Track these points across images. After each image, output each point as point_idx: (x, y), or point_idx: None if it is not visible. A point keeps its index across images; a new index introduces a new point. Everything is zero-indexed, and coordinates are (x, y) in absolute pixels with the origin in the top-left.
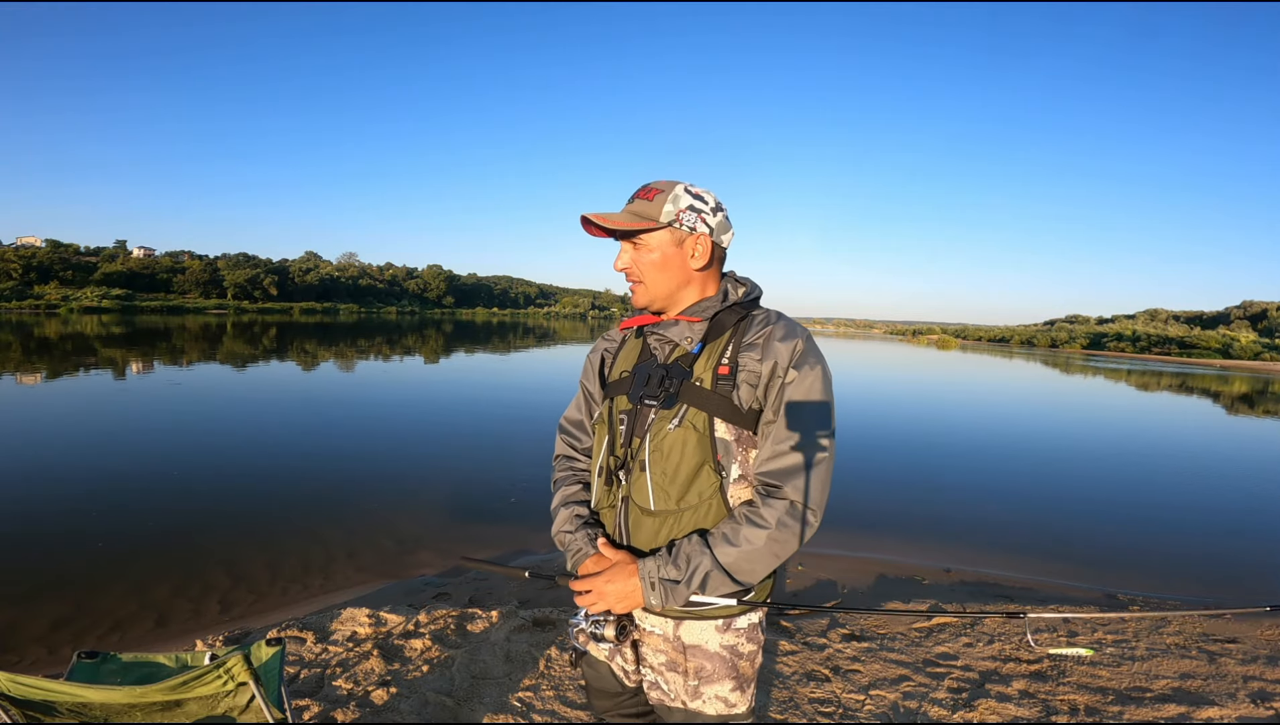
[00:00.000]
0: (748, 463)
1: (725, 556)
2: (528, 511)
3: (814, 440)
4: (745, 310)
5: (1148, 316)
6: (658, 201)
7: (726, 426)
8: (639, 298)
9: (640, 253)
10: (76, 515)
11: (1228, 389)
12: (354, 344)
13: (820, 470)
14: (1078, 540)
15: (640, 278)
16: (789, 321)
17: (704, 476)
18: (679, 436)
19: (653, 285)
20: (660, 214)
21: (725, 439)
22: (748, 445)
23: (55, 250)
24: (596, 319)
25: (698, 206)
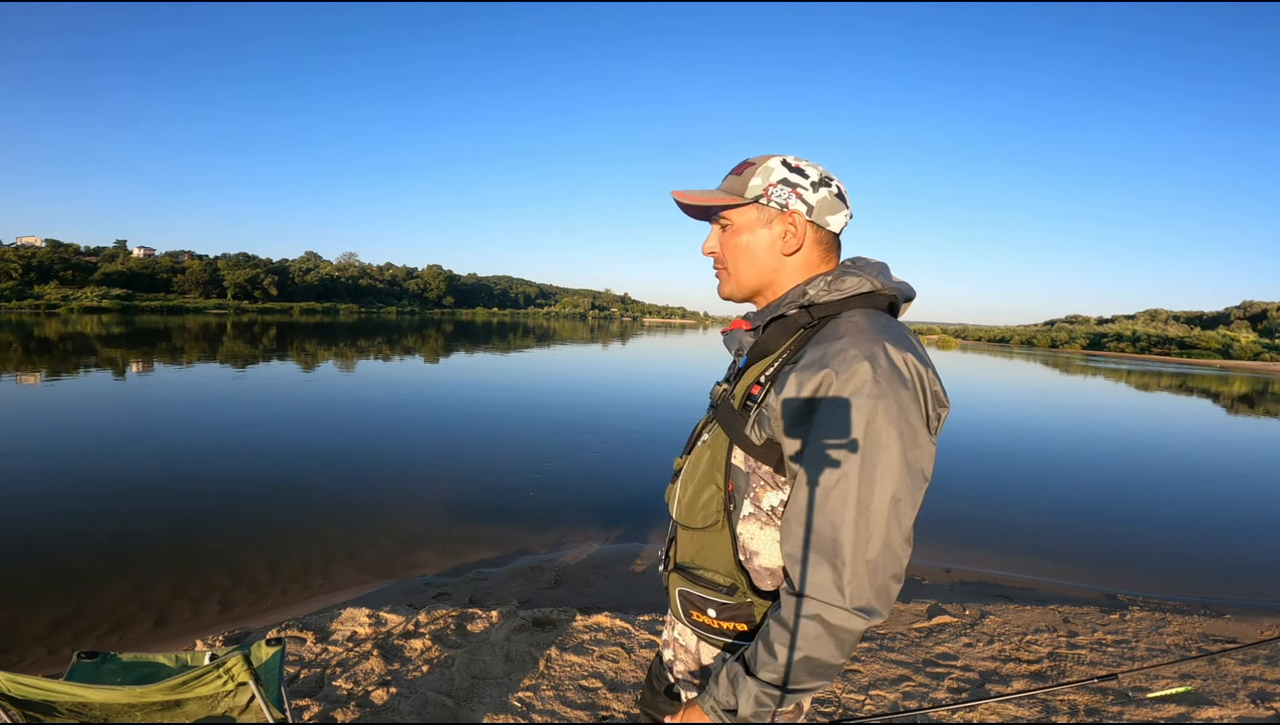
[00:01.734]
0: (760, 502)
1: (766, 674)
2: (527, 511)
3: (851, 518)
4: (821, 314)
5: (1148, 317)
6: (746, 175)
7: (743, 456)
8: (722, 288)
9: (727, 234)
10: (76, 515)
11: (1227, 389)
12: (354, 344)
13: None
14: (1078, 540)
15: (724, 264)
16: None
17: (713, 502)
18: (702, 453)
19: (736, 273)
20: (747, 188)
21: (741, 469)
22: (766, 483)
23: (55, 250)
24: (596, 319)
25: (793, 180)
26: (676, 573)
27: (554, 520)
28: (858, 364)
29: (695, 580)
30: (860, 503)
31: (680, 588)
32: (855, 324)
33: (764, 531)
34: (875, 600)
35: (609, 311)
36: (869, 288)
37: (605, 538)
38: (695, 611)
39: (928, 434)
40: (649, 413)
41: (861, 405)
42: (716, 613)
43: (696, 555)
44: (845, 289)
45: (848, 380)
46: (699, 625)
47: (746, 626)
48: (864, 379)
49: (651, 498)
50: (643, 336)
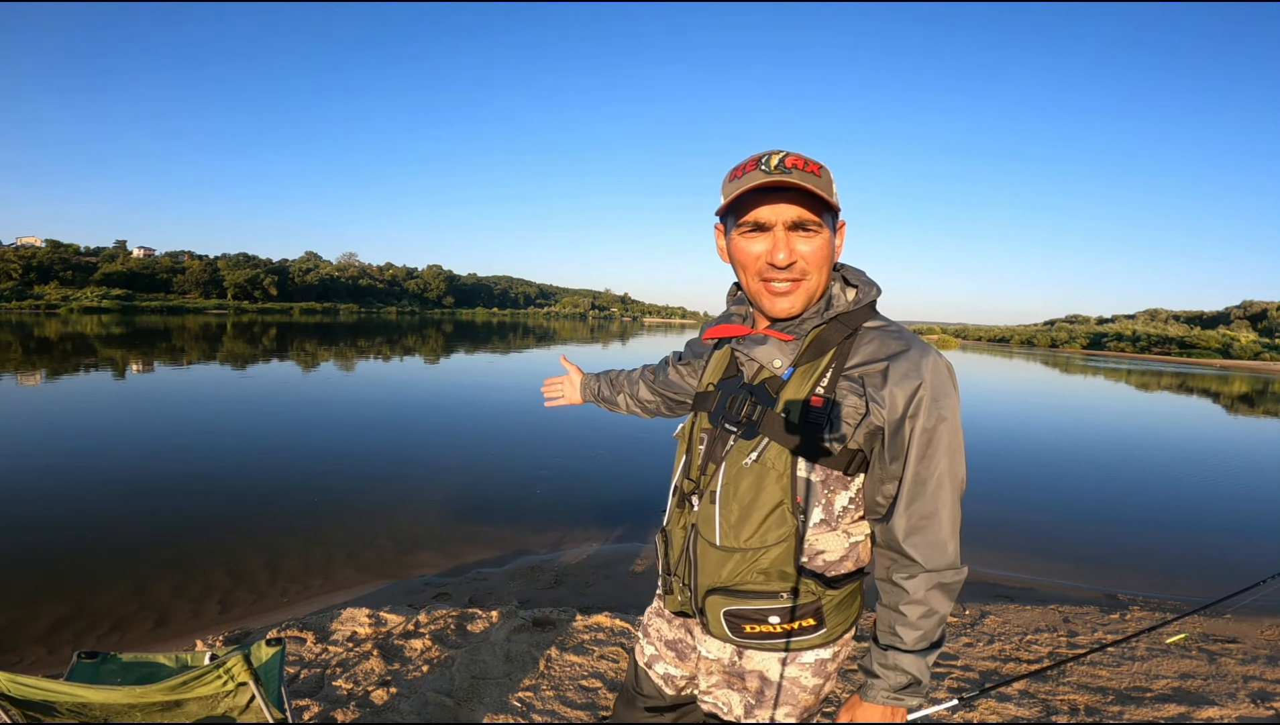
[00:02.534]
0: (832, 507)
1: (916, 641)
2: (527, 511)
3: (949, 497)
4: (853, 323)
5: (1148, 316)
6: (826, 178)
7: (813, 466)
8: (797, 301)
9: (809, 242)
10: (77, 515)
11: (1227, 389)
12: (354, 344)
13: (953, 526)
14: (1078, 540)
15: (804, 273)
16: (912, 347)
17: (778, 518)
18: (755, 472)
19: (816, 285)
20: (833, 194)
21: (809, 479)
22: (836, 487)
23: (55, 250)
24: (596, 319)
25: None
26: (716, 595)
27: (554, 520)
28: (935, 371)
29: (745, 596)
30: (952, 488)
31: (725, 608)
32: (903, 332)
33: (829, 534)
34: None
35: (609, 312)
36: (876, 293)
37: (605, 538)
38: (750, 625)
39: None
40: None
41: (947, 405)
42: (780, 618)
43: (741, 573)
44: (865, 298)
45: (934, 386)
46: (755, 637)
47: (814, 620)
48: (942, 382)
49: (652, 498)
50: (643, 336)
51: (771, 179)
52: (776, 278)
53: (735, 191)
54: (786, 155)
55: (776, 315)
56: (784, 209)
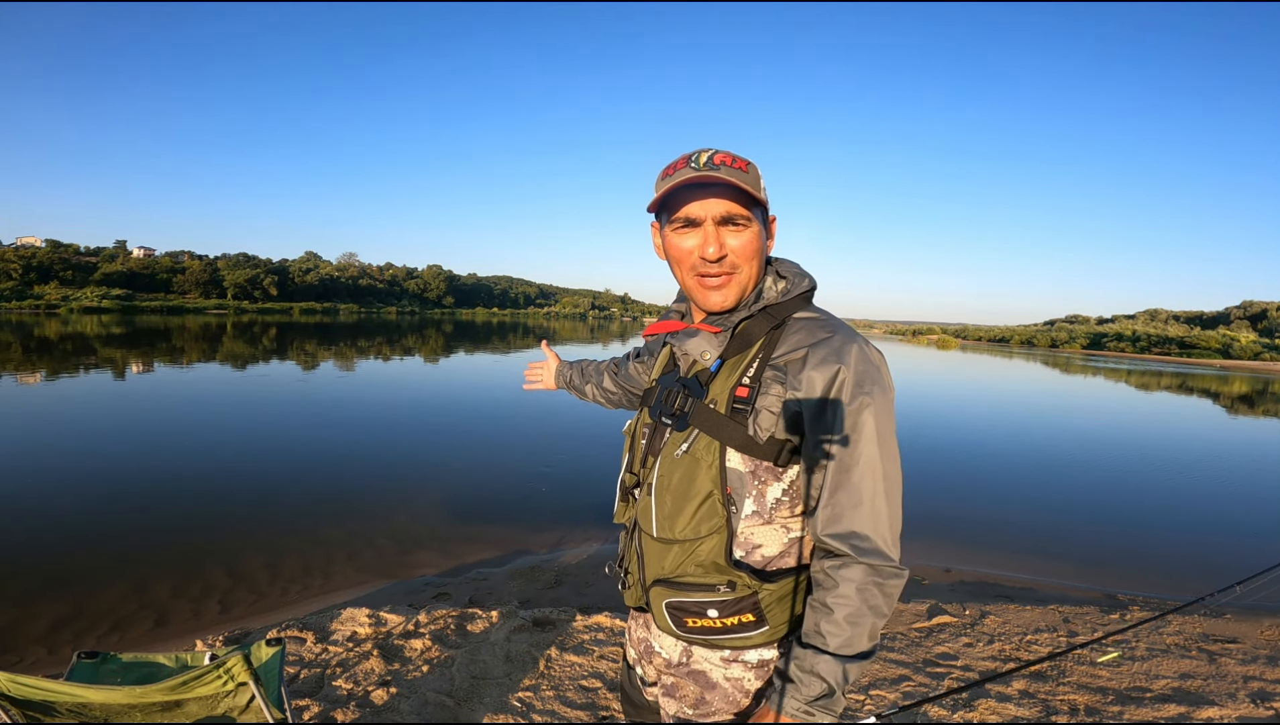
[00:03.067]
0: (764, 498)
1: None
2: (527, 511)
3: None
4: (781, 315)
5: (1148, 316)
6: (754, 174)
7: (741, 457)
8: (729, 294)
9: (739, 236)
10: (76, 515)
11: (1228, 389)
12: (354, 344)
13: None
14: (1078, 540)
15: (734, 267)
16: (835, 334)
17: (709, 508)
18: (686, 463)
19: (748, 278)
20: (760, 189)
21: (739, 470)
22: (766, 478)
23: (55, 250)
24: (596, 319)
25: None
26: (658, 587)
27: (554, 520)
28: (856, 356)
29: (684, 588)
30: (882, 478)
31: (667, 600)
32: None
33: (765, 527)
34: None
35: (609, 311)
36: (809, 285)
37: (605, 538)
38: (691, 618)
39: None
40: None
41: (870, 391)
42: (719, 612)
43: (681, 564)
44: (795, 290)
45: (855, 370)
46: (698, 631)
47: (752, 615)
48: (865, 369)
49: None
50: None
51: (700, 175)
52: (709, 272)
53: (665, 187)
54: (715, 153)
55: (710, 308)
56: (713, 204)
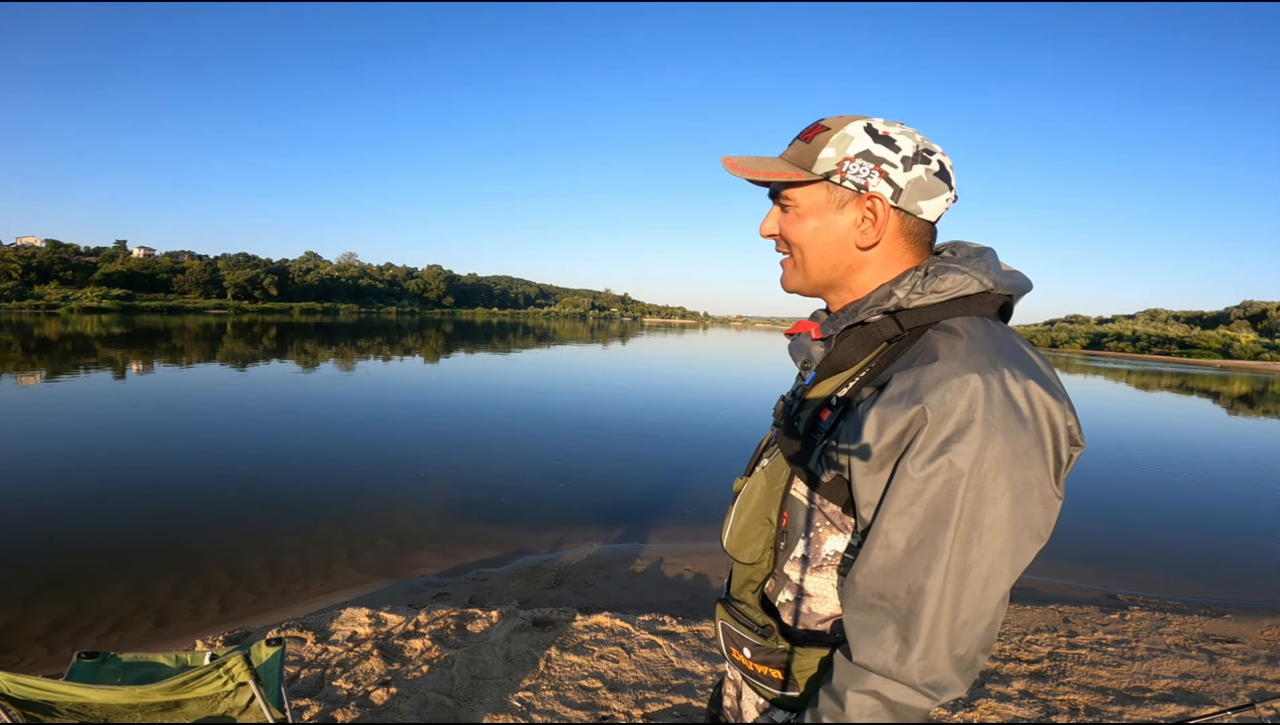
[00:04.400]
0: (819, 545)
1: None
2: (527, 511)
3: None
4: (913, 322)
5: (1148, 316)
6: (817, 143)
7: (806, 489)
8: (786, 280)
9: (788, 218)
10: (76, 515)
11: (1228, 389)
12: (354, 344)
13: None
14: (1078, 540)
15: (788, 250)
16: (955, 359)
17: (760, 535)
18: (760, 480)
19: (803, 263)
20: (816, 161)
21: (802, 503)
22: (831, 525)
23: (55, 250)
24: (597, 319)
25: (878, 153)
26: (722, 604)
27: (554, 520)
28: (959, 399)
29: (736, 615)
30: (951, 569)
31: (723, 620)
32: (958, 341)
33: (817, 577)
34: (954, 673)
35: (609, 311)
36: (976, 288)
37: (605, 538)
38: (734, 648)
39: (1053, 485)
40: (649, 412)
41: (963, 451)
42: (751, 653)
43: (741, 589)
44: (944, 290)
45: (945, 418)
46: (737, 664)
47: (781, 674)
48: (967, 419)
49: (652, 498)
50: (643, 336)
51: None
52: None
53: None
54: (811, 127)
55: (786, 290)
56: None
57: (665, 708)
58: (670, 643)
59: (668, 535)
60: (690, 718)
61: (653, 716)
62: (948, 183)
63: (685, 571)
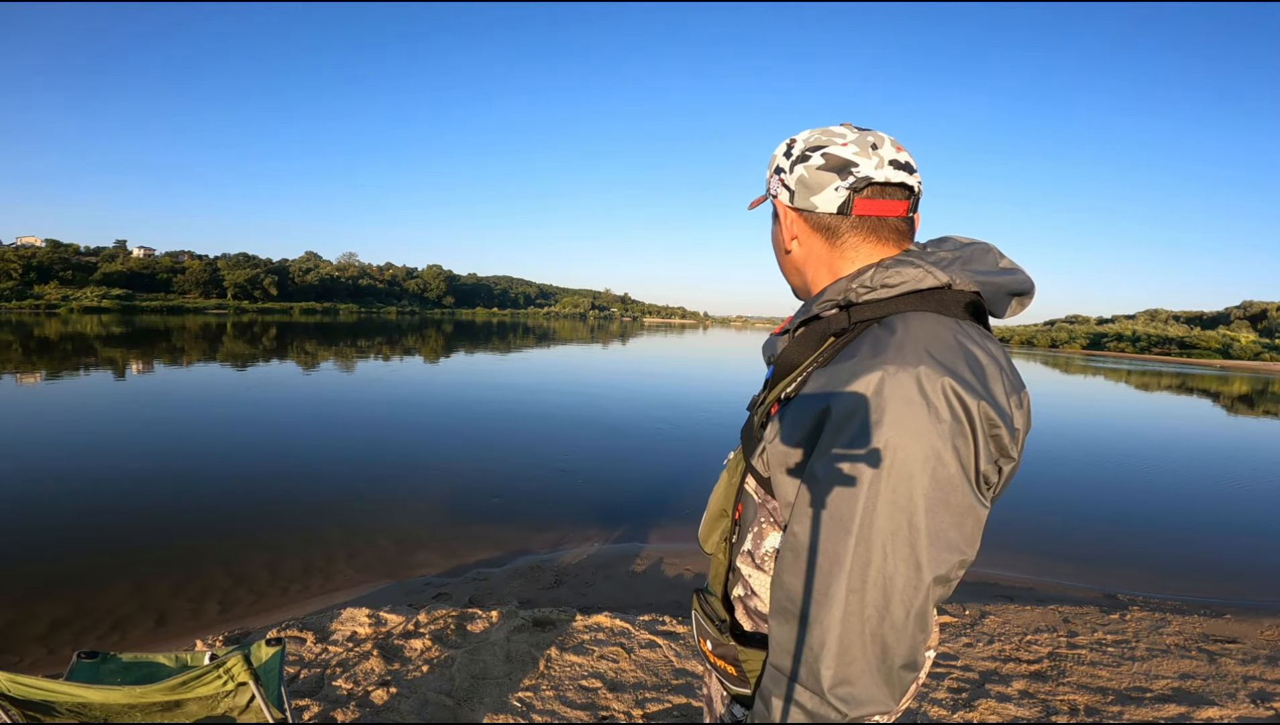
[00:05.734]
0: (761, 541)
1: None
2: (527, 511)
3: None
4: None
5: (1148, 316)
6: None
7: (755, 484)
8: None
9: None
10: (76, 515)
11: (1228, 389)
12: (354, 344)
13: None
14: (1078, 540)
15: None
16: (861, 359)
17: (718, 527)
18: (724, 473)
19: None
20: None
21: (751, 497)
22: (772, 521)
23: (55, 250)
24: (597, 319)
25: (779, 163)
26: (697, 594)
27: (554, 520)
28: (871, 396)
29: (704, 607)
30: (853, 576)
31: (694, 611)
32: (888, 336)
33: (759, 573)
34: (872, 686)
35: (609, 311)
36: (931, 282)
37: (605, 538)
38: (701, 639)
39: (971, 493)
40: (652, 409)
41: (867, 454)
42: (712, 646)
43: (712, 580)
44: (894, 284)
45: (850, 417)
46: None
47: (735, 670)
48: (874, 419)
49: (652, 498)
50: (643, 336)
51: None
52: None
53: None
54: None
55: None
56: None
57: (665, 708)
58: (670, 643)
59: (668, 535)
60: (690, 718)
61: (653, 716)
62: (839, 171)
63: (685, 571)
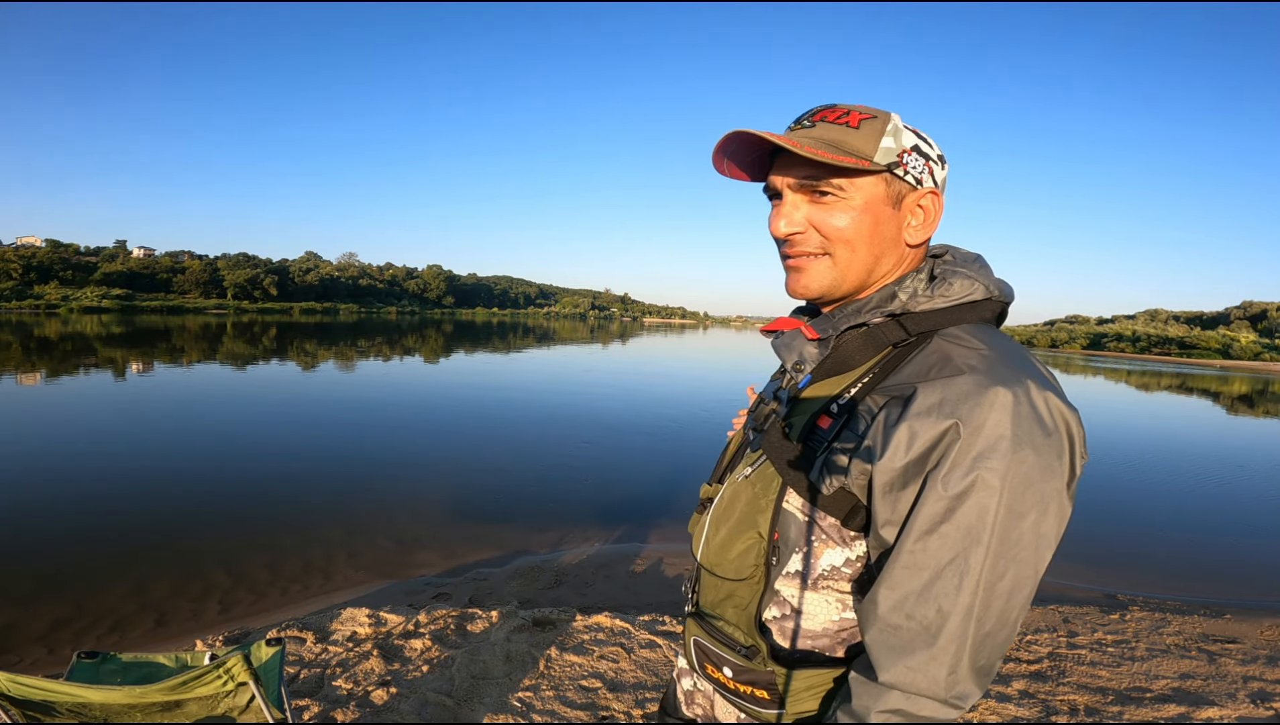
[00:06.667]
0: (815, 560)
1: None
2: (527, 511)
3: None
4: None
5: (1148, 317)
6: (867, 130)
7: (802, 502)
8: (811, 281)
9: (828, 209)
10: (76, 515)
11: (1227, 389)
12: (354, 344)
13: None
14: (1079, 540)
15: (824, 247)
16: (980, 371)
17: (749, 549)
18: (746, 490)
19: (846, 261)
20: (876, 150)
21: (796, 517)
22: (828, 539)
23: (55, 250)
24: (597, 319)
25: (924, 149)
26: (694, 619)
27: (554, 520)
28: (991, 413)
29: (713, 633)
30: (980, 586)
31: (696, 637)
32: (977, 352)
33: (814, 593)
34: (975, 684)
35: (609, 311)
36: (981, 294)
37: (605, 538)
38: (710, 666)
39: (1068, 497)
40: (647, 411)
41: (995, 468)
42: (734, 673)
43: (719, 604)
44: (952, 295)
45: (977, 433)
46: (714, 681)
47: (767, 695)
48: (998, 434)
49: (652, 498)
50: (642, 336)
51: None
52: (786, 253)
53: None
54: (823, 109)
55: (793, 296)
56: (793, 169)
57: None
58: (670, 643)
59: (668, 535)
60: None
61: (652, 716)
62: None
63: (685, 571)
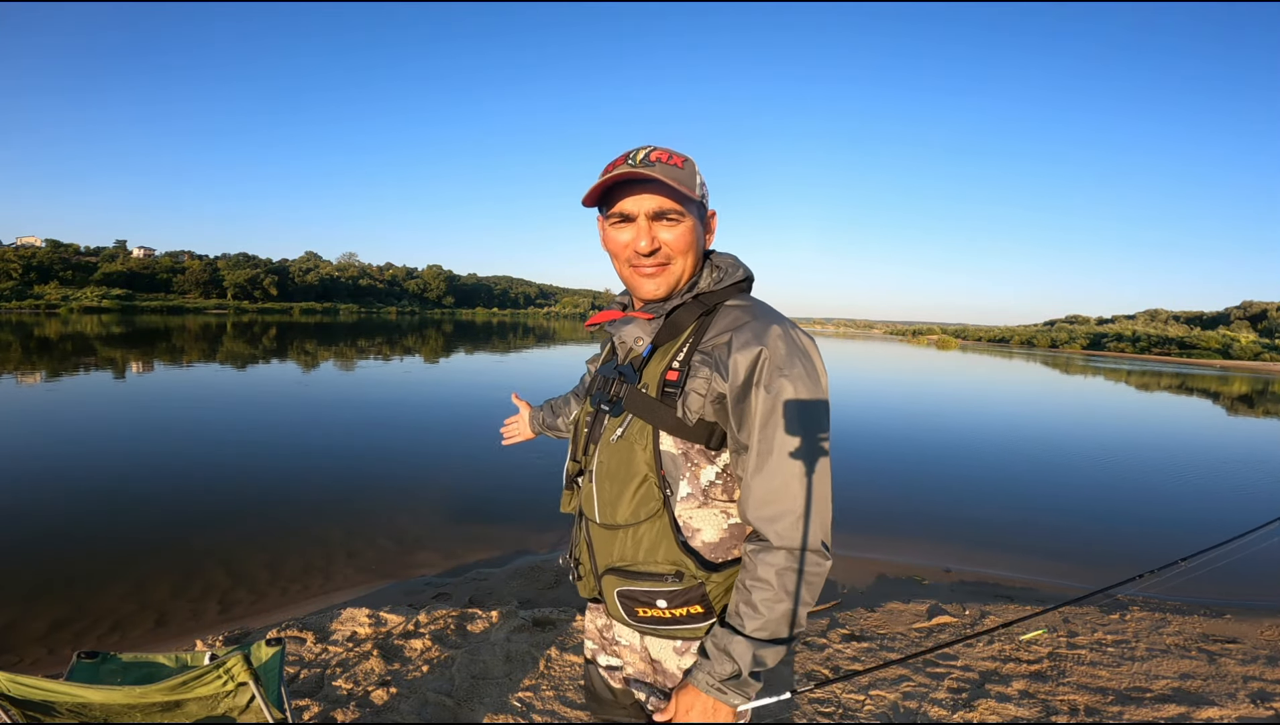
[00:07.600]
0: (698, 480)
1: (755, 628)
2: (527, 511)
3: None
4: (712, 302)
5: (1148, 317)
6: (689, 170)
7: (673, 440)
8: (662, 283)
9: (672, 229)
10: (76, 515)
11: (1227, 389)
12: (354, 344)
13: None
14: (1077, 540)
15: (669, 258)
16: (760, 319)
17: (647, 492)
18: (623, 447)
19: (681, 270)
20: (695, 185)
21: (671, 453)
22: (699, 460)
23: (55, 250)
24: None
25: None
26: (609, 575)
27: (554, 520)
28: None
29: (635, 577)
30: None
31: (619, 588)
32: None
33: (702, 510)
34: (829, 540)
35: None
36: (742, 275)
37: None
38: (641, 608)
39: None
40: None
41: (792, 375)
42: (668, 602)
43: (630, 552)
44: (727, 276)
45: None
46: (648, 621)
47: (700, 608)
48: (786, 352)
49: None
50: None
51: (633, 171)
52: (643, 264)
53: (601, 182)
54: (652, 150)
55: (644, 297)
56: (645, 200)
57: None
58: None
59: None
60: None
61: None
62: None
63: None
